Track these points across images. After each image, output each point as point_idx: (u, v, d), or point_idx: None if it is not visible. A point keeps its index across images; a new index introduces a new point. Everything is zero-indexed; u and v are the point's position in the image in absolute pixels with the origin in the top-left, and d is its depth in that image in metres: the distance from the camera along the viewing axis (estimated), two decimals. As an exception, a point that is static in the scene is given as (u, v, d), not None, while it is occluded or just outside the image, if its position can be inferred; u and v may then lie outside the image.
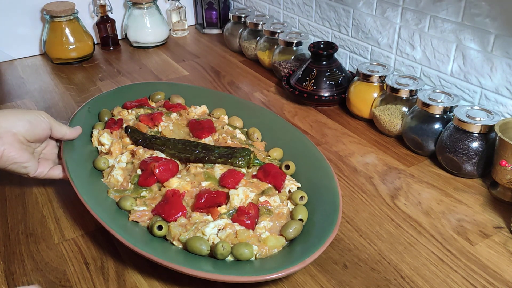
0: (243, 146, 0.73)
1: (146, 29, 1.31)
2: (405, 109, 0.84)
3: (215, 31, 1.44)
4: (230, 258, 0.57)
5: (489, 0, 0.75)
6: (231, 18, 1.25)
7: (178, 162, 0.70)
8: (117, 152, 0.73)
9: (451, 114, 0.78)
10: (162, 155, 0.71)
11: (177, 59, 1.26)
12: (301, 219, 0.61)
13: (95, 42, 1.31)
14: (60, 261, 0.61)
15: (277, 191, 0.66)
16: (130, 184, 0.68)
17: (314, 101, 0.97)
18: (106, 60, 1.25)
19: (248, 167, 0.69)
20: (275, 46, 1.11)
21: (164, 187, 0.65)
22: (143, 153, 0.71)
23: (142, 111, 0.82)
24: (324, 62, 0.97)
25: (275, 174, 0.67)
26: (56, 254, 0.62)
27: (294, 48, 1.08)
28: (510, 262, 0.60)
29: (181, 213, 0.61)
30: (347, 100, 0.94)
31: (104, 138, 0.75)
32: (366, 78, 0.90)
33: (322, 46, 0.99)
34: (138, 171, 0.68)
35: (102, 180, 0.70)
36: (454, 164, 0.75)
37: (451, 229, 0.66)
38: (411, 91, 0.83)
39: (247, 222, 0.59)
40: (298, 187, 0.68)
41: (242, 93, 1.07)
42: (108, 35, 1.30)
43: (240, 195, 0.62)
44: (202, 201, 0.61)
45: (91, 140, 0.77)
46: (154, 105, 0.88)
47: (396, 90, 0.83)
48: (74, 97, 1.05)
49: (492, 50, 0.77)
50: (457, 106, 0.77)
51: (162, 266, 0.54)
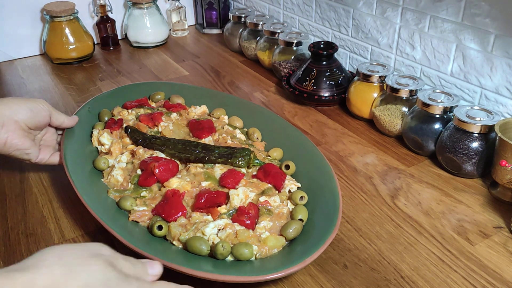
0: (243, 146, 0.73)
1: (146, 29, 1.31)
2: (405, 109, 0.84)
3: (215, 31, 1.44)
4: (230, 258, 0.57)
5: (489, 0, 0.75)
6: (231, 18, 1.25)
7: (178, 162, 0.70)
8: (117, 152, 0.73)
9: (451, 114, 0.78)
10: (162, 155, 0.71)
11: (177, 59, 1.26)
12: (301, 219, 0.61)
13: (95, 42, 1.31)
14: (60, 261, 0.61)
15: (277, 191, 0.66)
16: (130, 184, 0.68)
17: (314, 101, 0.97)
18: (106, 60, 1.25)
19: (248, 167, 0.69)
20: (275, 46, 1.11)
21: (164, 187, 0.65)
22: (143, 153, 0.71)
23: (142, 111, 0.82)
24: (324, 62, 0.97)
25: (275, 174, 0.67)
26: (56, 254, 0.62)
27: (294, 48, 1.08)
28: (510, 262, 0.60)
29: (181, 213, 0.61)
30: (347, 100, 0.94)
31: (104, 138, 0.75)
32: (366, 78, 0.90)
33: (322, 46, 0.99)
34: (138, 171, 0.68)
35: (102, 180, 0.70)
36: (454, 164, 0.75)
37: (451, 229, 0.66)
38: (411, 91, 0.83)
39: (247, 222, 0.59)
40: (298, 187, 0.68)
41: (242, 93, 1.07)
42: (108, 35, 1.30)
43: (240, 195, 0.62)
44: (202, 201, 0.61)
45: (91, 140, 0.77)
46: (154, 105, 0.88)
47: (396, 90, 0.83)
48: (74, 97, 1.05)
49: (492, 50, 0.77)
50: (457, 106, 0.77)
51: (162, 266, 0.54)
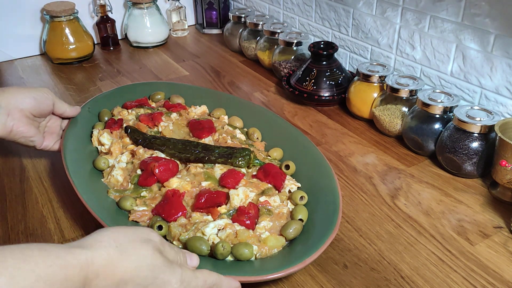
0: (243, 146, 0.73)
1: (146, 29, 1.31)
2: (405, 109, 0.84)
3: (215, 31, 1.44)
4: (230, 258, 0.57)
5: (489, 0, 0.75)
6: (231, 18, 1.25)
7: (178, 162, 0.70)
8: (117, 152, 0.73)
9: (451, 114, 0.78)
10: (162, 155, 0.71)
11: (177, 59, 1.26)
12: (301, 219, 0.61)
13: (95, 42, 1.31)
14: (60, 261, 0.61)
15: (277, 191, 0.66)
16: (130, 184, 0.68)
17: (314, 101, 0.97)
18: (106, 60, 1.25)
19: (248, 167, 0.69)
20: (275, 46, 1.11)
21: (164, 187, 0.65)
22: (143, 153, 0.71)
23: (142, 111, 0.82)
24: (324, 62, 0.97)
25: (275, 174, 0.67)
26: (56, 254, 0.62)
27: (294, 48, 1.08)
28: (510, 262, 0.60)
29: (181, 213, 0.61)
30: (347, 100, 0.94)
31: (104, 138, 0.75)
32: (366, 78, 0.90)
33: (322, 46, 0.99)
34: (138, 171, 0.68)
35: (102, 180, 0.70)
36: (454, 164, 0.75)
37: (451, 229, 0.66)
38: (411, 91, 0.83)
39: (247, 222, 0.59)
40: (298, 187, 0.68)
41: (242, 93, 1.07)
42: (108, 35, 1.30)
43: (240, 195, 0.62)
44: (202, 201, 0.61)
45: (91, 140, 0.77)
46: (154, 105, 0.87)
47: (396, 90, 0.83)
48: (74, 97, 1.05)
49: (492, 50, 0.77)
50: (457, 106, 0.77)
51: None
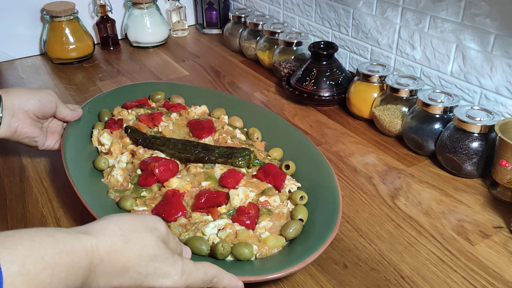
0: (243, 146, 0.73)
1: (146, 29, 1.31)
2: (405, 109, 0.84)
3: (215, 31, 1.44)
4: (230, 258, 0.57)
5: (489, 0, 0.75)
6: (231, 18, 1.25)
7: (178, 162, 0.70)
8: (117, 152, 0.73)
9: (451, 114, 0.78)
10: (162, 155, 0.71)
11: (177, 59, 1.26)
12: (301, 219, 0.61)
13: (95, 42, 1.31)
14: (60, 261, 0.61)
15: (277, 191, 0.66)
16: (130, 184, 0.68)
17: (314, 101, 0.97)
18: (106, 60, 1.25)
19: (248, 167, 0.69)
20: (275, 46, 1.11)
21: (164, 187, 0.65)
22: (143, 153, 0.71)
23: (142, 111, 0.82)
24: (324, 62, 0.97)
25: (275, 174, 0.67)
26: (56, 254, 0.62)
27: (294, 48, 1.08)
28: (510, 262, 0.60)
29: (181, 213, 0.61)
30: (347, 100, 0.94)
31: (104, 138, 0.75)
32: (366, 78, 0.90)
33: (322, 46, 0.99)
34: (138, 171, 0.68)
35: (102, 180, 0.70)
36: (454, 164, 0.75)
37: (451, 229, 0.66)
38: (411, 91, 0.83)
39: (247, 222, 0.59)
40: (298, 187, 0.68)
41: (242, 93, 1.07)
42: (108, 35, 1.30)
43: (240, 195, 0.62)
44: (202, 201, 0.61)
45: (91, 140, 0.77)
46: (154, 105, 0.88)
47: (396, 90, 0.83)
48: (74, 97, 1.05)
49: (492, 50, 0.77)
50: (457, 106, 0.77)
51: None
